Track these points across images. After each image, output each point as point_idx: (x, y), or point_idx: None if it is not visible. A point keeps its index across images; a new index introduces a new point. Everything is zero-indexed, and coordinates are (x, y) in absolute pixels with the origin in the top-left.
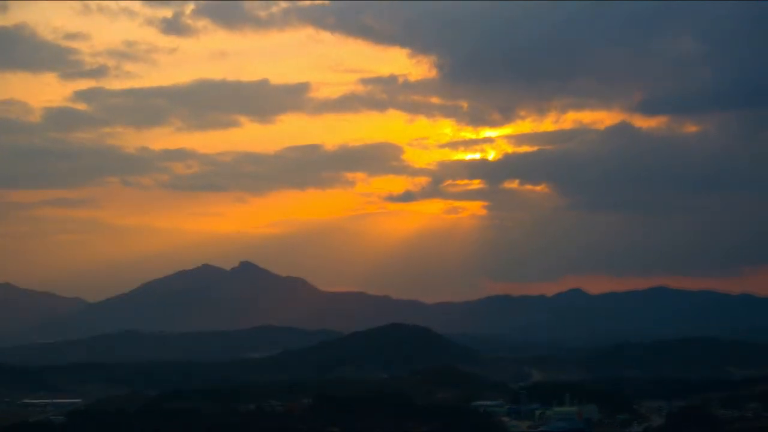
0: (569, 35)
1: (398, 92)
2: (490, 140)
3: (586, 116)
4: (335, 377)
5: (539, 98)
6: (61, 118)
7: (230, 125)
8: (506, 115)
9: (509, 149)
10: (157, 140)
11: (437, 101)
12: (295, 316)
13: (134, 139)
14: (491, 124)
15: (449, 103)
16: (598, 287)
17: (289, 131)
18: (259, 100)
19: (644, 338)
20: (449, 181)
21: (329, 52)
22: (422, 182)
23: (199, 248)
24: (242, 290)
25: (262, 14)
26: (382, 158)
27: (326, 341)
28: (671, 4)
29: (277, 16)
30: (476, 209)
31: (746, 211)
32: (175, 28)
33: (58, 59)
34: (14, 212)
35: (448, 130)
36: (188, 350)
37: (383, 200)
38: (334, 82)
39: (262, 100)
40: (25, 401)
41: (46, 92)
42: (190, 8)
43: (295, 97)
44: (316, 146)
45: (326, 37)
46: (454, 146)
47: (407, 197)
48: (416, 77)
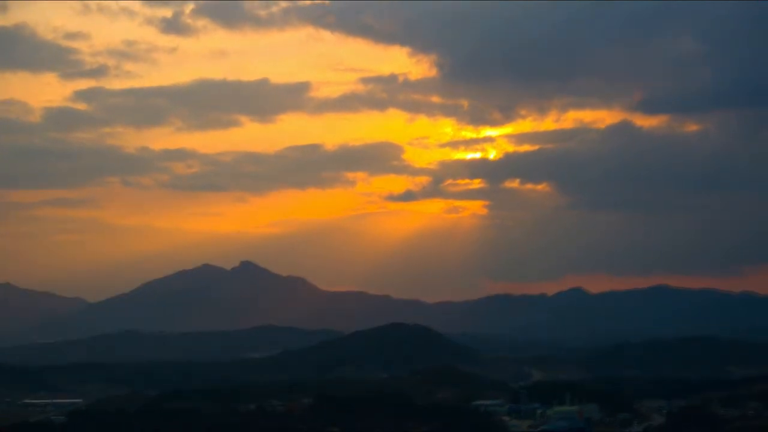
0: (570, 34)
1: (398, 91)
2: (490, 139)
3: (586, 115)
4: (335, 377)
5: (540, 97)
6: (61, 118)
7: (230, 125)
8: (507, 114)
9: (510, 148)
10: (157, 140)
11: (438, 100)
12: (295, 315)
13: (134, 139)
14: (492, 123)
15: (450, 102)
16: (598, 286)
17: (289, 131)
18: (259, 99)
19: (644, 337)
20: (450, 180)
21: (329, 51)
22: (423, 182)
23: (199, 248)
24: (242, 290)
25: (262, 13)
26: (382, 158)
27: (326, 341)
28: (671, 3)
29: (277, 15)
30: (477, 209)
31: (746, 210)
32: (175, 27)
33: (58, 59)
34: (14, 212)
35: (448, 129)
36: (188, 350)
37: (384, 200)
38: (334, 81)
39: (262, 99)
40: (25, 401)
41: (46, 92)
42: (189, 8)
43: (295, 96)
44: (316, 146)
45: (326, 36)
46: (454, 145)
47: (408, 197)
48: (417, 76)
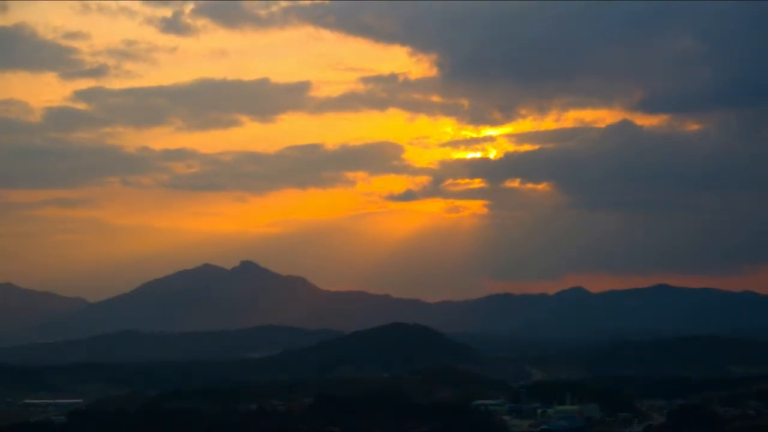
0: (570, 34)
1: (399, 91)
2: (491, 139)
3: (587, 115)
4: (336, 377)
5: (540, 97)
6: (61, 117)
7: (231, 124)
8: (507, 113)
9: (510, 148)
10: (157, 140)
11: (438, 100)
12: (295, 315)
13: (134, 138)
14: (492, 122)
15: (450, 101)
16: (598, 286)
17: (289, 130)
18: (259, 99)
19: (645, 336)
20: (450, 180)
21: (330, 50)
22: (423, 181)
23: (199, 248)
24: (243, 290)
25: (262, 13)
26: (382, 157)
27: (327, 341)
28: (671, 3)
29: (277, 15)
30: (477, 208)
31: (747, 209)
32: (175, 27)
33: (58, 59)
34: (14, 212)
35: (448, 129)
36: (188, 350)
37: (384, 199)
38: (334, 80)
39: (262, 99)
40: (25, 401)
41: (46, 92)
42: (189, 7)
43: (295, 96)
44: (316, 145)
45: (326, 35)
46: (455, 145)
47: (408, 196)
48: (417, 76)
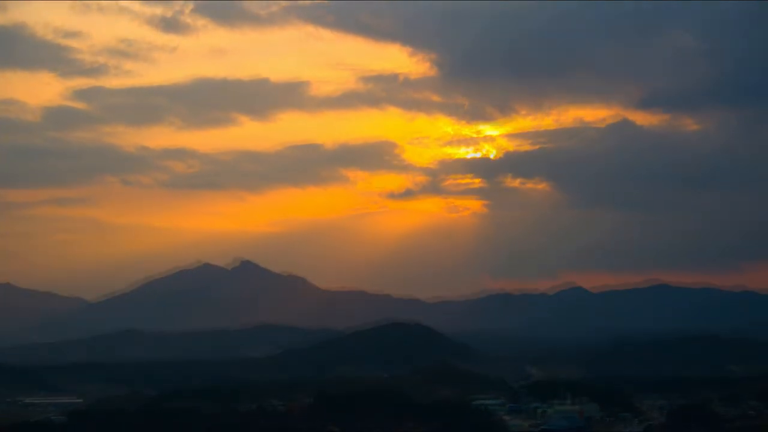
0: (568, 32)
1: (398, 90)
2: (489, 138)
3: (585, 113)
4: (335, 376)
5: (539, 95)
6: (59, 117)
7: (229, 123)
8: (506, 112)
9: (509, 147)
10: (156, 139)
11: (437, 99)
12: (294, 314)
13: (133, 137)
14: (488, 120)
15: (449, 100)
16: (596, 283)
17: (288, 129)
18: (258, 98)
19: (644, 335)
20: (449, 179)
21: (328, 49)
22: (422, 180)
23: (198, 247)
24: (242, 289)
25: (261, 12)
26: (381, 156)
27: (326, 340)
28: (670, 2)
29: (276, 13)
30: (476, 207)
31: (745, 207)
32: (173, 26)
33: (56, 58)
34: (13, 212)
35: (447, 128)
36: (187, 349)
37: (383, 198)
38: (333, 80)
39: (261, 98)
40: (25, 401)
41: (44, 91)
42: (188, 7)
43: (294, 95)
44: (315, 144)
45: (325, 34)
46: (453, 144)
47: (407, 195)
48: (415, 75)
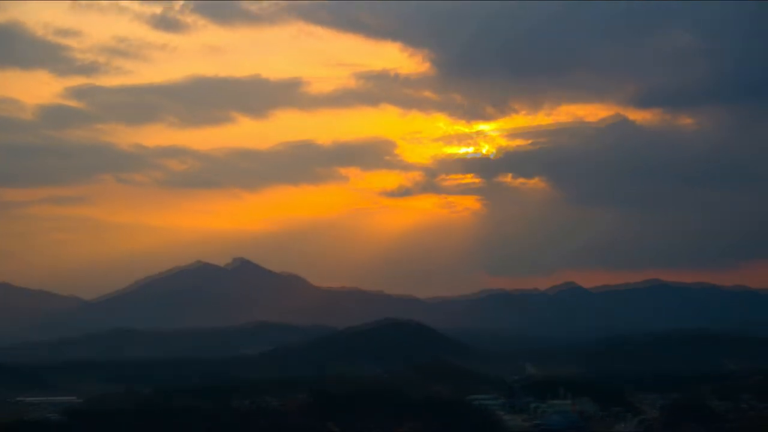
0: (563, 29)
1: (392, 87)
2: (484, 134)
3: (580, 109)
4: (332, 374)
5: (533, 92)
6: (56, 115)
7: (226, 122)
8: (500, 108)
9: (503, 143)
10: (151, 137)
11: (431, 95)
12: (291, 313)
13: (128, 135)
14: (485, 118)
15: (443, 97)
16: (593, 281)
17: (284, 127)
18: (252, 95)
19: (639, 332)
20: (443, 175)
21: (322, 47)
22: (416, 177)
23: (194, 245)
24: (237, 287)
25: (254, 9)
26: (376, 153)
27: (323, 338)
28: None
29: (269, 11)
30: (471, 204)
31: (741, 204)
32: (167, 24)
33: (50, 56)
34: (9, 211)
35: (441, 124)
36: (185, 348)
37: (379, 196)
38: (327, 77)
39: (255, 95)
40: (22, 400)
41: (40, 90)
42: (181, 4)
43: (288, 92)
44: (309, 142)
45: (319, 31)
46: (448, 141)
47: (401, 192)
48: (409, 71)
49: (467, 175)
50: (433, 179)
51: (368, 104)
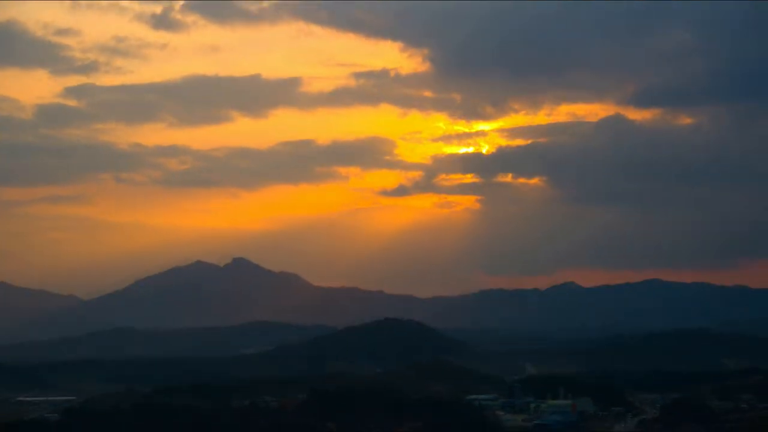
0: (562, 28)
1: (390, 86)
2: (483, 134)
3: (579, 109)
4: (329, 373)
5: (532, 91)
6: (52, 114)
7: (222, 120)
8: (499, 108)
9: (502, 142)
10: (149, 136)
11: (429, 95)
12: (288, 311)
13: (126, 135)
14: (484, 117)
15: (442, 96)
16: (591, 280)
17: (281, 126)
18: (250, 95)
19: (638, 331)
20: (442, 175)
21: (321, 46)
22: (415, 176)
23: (192, 244)
24: (235, 286)
25: (253, 9)
26: (374, 153)
27: (320, 336)
28: None
29: (268, 10)
30: (470, 203)
31: (739, 203)
32: (165, 23)
33: (48, 56)
34: (6, 210)
35: (440, 123)
36: (182, 347)
37: (376, 195)
38: (326, 76)
39: (253, 95)
40: (20, 399)
41: (37, 89)
42: (180, 4)
43: (287, 91)
44: (308, 141)
45: (318, 31)
46: (447, 140)
47: (400, 192)
48: (408, 71)
49: (466, 174)
50: (432, 179)
51: (367, 104)
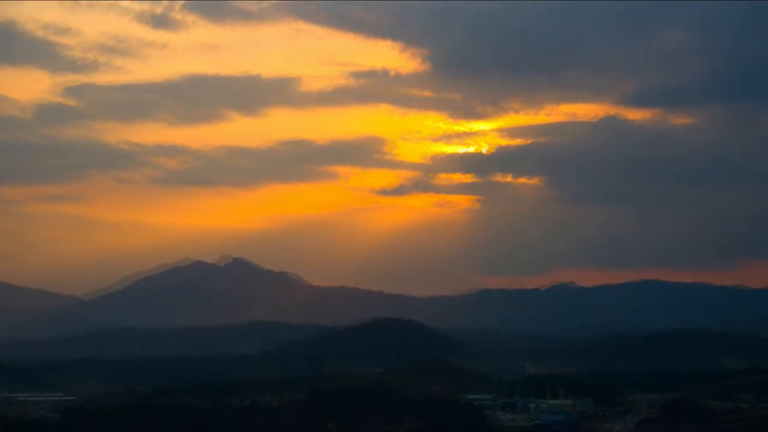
0: (560, 28)
1: (389, 86)
2: (481, 133)
3: (577, 109)
4: (328, 372)
5: (530, 91)
6: (50, 113)
7: (220, 120)
8: (497, 108)
9: (501, 142)
10: (146, 135)
11: (428, 94)
12: (286, 311)
13: (123, 134)
14: (482, 117)
15: (440, 96)
16: (590, 280)
17: (278, 125)
18: (248, 94)
19: (637, 331)
20: (440, 174)
21: (319, 45)
22: (413, 176)
23: (189, 244)
24: (232, 285)
25: (251, 8)
26: (372, 152)
27: (315, 336)
28: None
29: (266, 10)
30: (468, 203)
31: (737, 203)
32: (163, 22)
33: (47, 55)
34: (4, 208)
35: (439, 123)
36: (179, 346)
37: (374, 194)
38: (324, 75)
39: (251, 94)
40: (17, 399)
41: (35, 88)
42: (178, 3)
43: (284, 91)
44: (306, 140)
45: (316, 30)
46: (445, 140)
47: (398, 191)
48: (407, 70)
49: (465, 174)
50: (429, 178)
51: (364, 103)
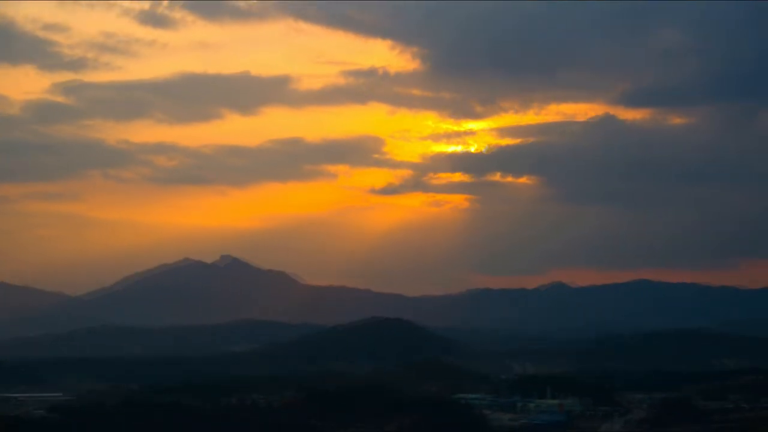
0: (552, 27)
1: (384, 85)
2: (472, 132)
3: (569, 108)
4: (320, 371)
5: (522, 90)
6: (41, 110)
7: (213, 118)
8: (489, 107)
9: (492, 141)
10: (138, 133)
11: (419, 93)
12: (278, 309)
13: (116, 132)
14: (474, 116)
15: (435, 95)
16: (582, 280)
17: (271, 124)
18: (240, 92)
19: (628, 331)
20: (432, 173)
21: (311, 43)
22: (405, 175)
23: (181, 242)
24: (225, 284)
25: (242, 6)
26: (364, 151)
27: (310, 335)
28: None
29: (258, 7)
30: (459, 202)
31: (730, 204)
32: (156, 20)
33: (37, 51)
34: None
35: (430, 122)
36: (172, 345)
37: (366, 193)
38: (316, 74)
39: (243, 92)
40: (7, 396)
41: (25, 85)
42: (174, 2)
43: (276, 89)
44: (298, 139)
45: (308, 28)
46: (436, 139)
47: (390, 190)
48: (398, 69)
49: (456, 173)
50: (421, 177)
51: (357, 102)
